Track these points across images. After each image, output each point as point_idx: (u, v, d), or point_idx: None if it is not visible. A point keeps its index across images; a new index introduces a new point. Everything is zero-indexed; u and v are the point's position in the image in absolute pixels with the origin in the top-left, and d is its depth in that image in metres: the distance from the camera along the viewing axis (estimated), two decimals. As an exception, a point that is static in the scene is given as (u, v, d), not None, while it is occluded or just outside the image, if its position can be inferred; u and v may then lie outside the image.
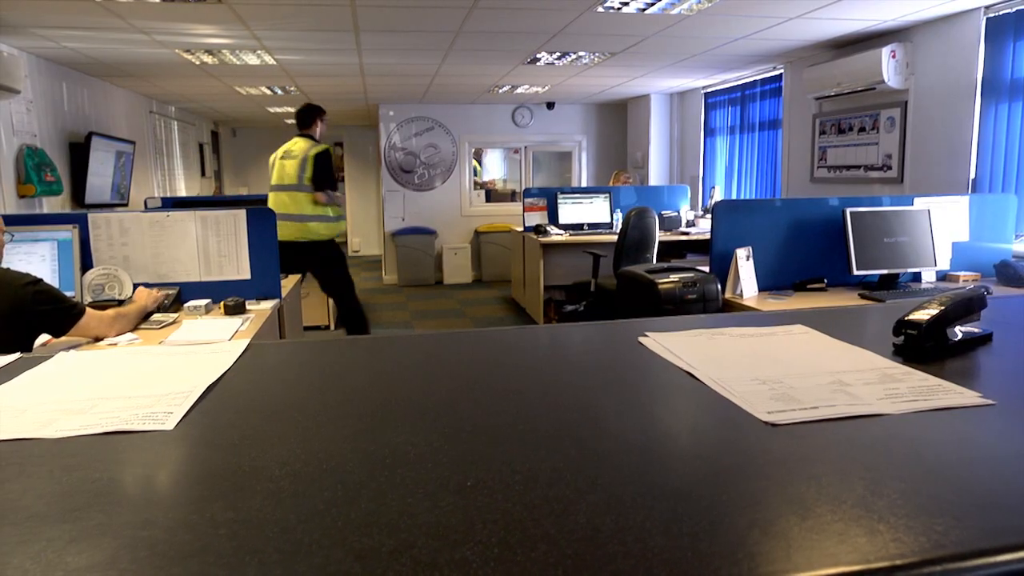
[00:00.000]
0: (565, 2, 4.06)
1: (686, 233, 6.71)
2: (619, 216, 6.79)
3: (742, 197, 7.28)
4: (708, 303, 3.27)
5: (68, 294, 3.19)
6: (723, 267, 3.44)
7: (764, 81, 6.74)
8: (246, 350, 0.96)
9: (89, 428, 0.67)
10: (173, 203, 5.90)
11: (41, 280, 2.34)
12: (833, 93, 5.30)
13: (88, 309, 2.40)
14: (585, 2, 4.05)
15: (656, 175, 8.54)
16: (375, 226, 12.43)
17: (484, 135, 9.22)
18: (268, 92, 7.49)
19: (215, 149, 10.79)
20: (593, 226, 6.84)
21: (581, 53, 5.69)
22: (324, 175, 4.81)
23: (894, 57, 4.72)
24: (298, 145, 4.96)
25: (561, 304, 6.78)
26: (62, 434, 0.65)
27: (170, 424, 0.67)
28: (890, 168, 4.99)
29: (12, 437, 0.65)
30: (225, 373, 0.85)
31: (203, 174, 9.79)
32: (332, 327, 6.70)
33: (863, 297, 3.30)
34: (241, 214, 3.42)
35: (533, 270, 6.59)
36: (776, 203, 3.61)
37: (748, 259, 3.43)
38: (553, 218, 6.80)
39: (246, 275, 3.42)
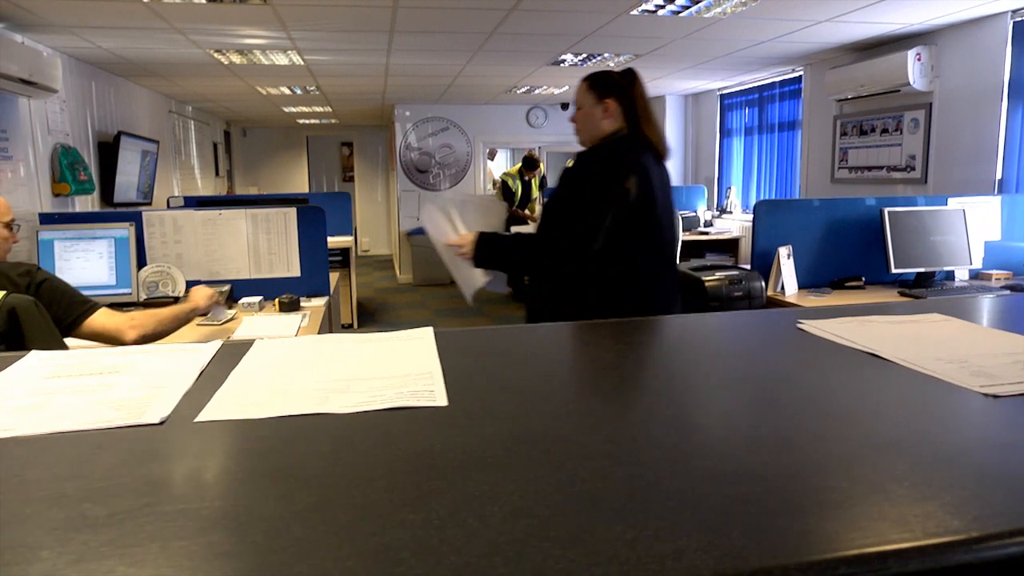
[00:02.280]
0: (602, 4, 4.12)
1: (705, 233, 6.79)
2: (638, 216, 6.85)
3: (759, 198, 7.37)
4: (753, 300, 3.34)
5: (125, 291, 3.26)
6: (764, 265, 3.51)
7: (782, 83, 6.82)
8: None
9: (367, 405, 0.72)
10: (196, 202, 5.94)
11: (40, 268, 2.08)
12: (856, 95, 5.38)
13: (103, 307, 2.12)
14: (622, 5, 4.11)
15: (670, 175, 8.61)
16: (383, 226, 12.48)
17: (498, 135, 9.28)
18: (288, 92, 7.53)
19: (227, 149, 10.81)
20: (613, 226, 6.89)
21: (606, 55, 5.76)
22: (504, 196, 7.63)
23: (919, 60, 4.80)
24: (515, 166, 7.94)
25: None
26: (347, 410, 0.71)
27: (442, 400, 0.73)
28: (913, 169, 5.08)
29: (301, 412, 0.71)
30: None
31: (217, 174, 9.81)
32: (355, 325, 6.74)
33: (903, 295, 3.37)
34: (292, 212, 3.47)
35: (554, 269, 6.64)
36: (814, 203, 3.68)
37: (789, 257, 3.50)
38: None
39: (296, 272, 3.47)
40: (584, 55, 5.74)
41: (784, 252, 3.47)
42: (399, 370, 0.84)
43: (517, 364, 0.92)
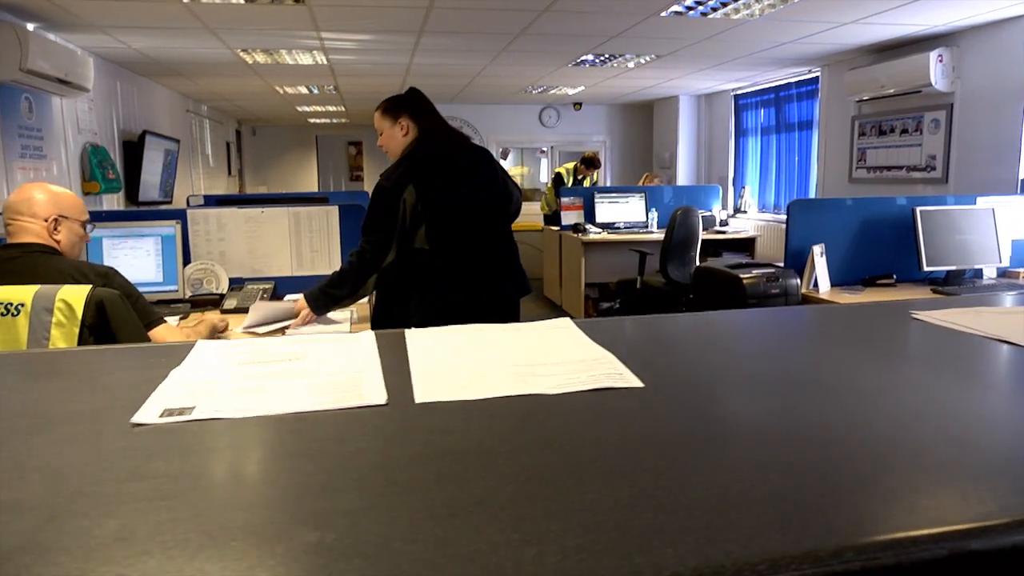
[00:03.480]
0: (633, 6, 4.17)
1: (721, 232, 6.84)
2: (654, 215, 6.92)
3: (774, 198, 7.44)
4: (789, 297, 3.40)
5: (172, 288, 3.30)
6: (798, 263, 3.57)
7: (798, 84, 6.89)
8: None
9: (569, 386, 0.77)
10: (216, 201, 5.98)
11: (116, 271, 2.16)
12: (875, 96, 5.44)
13: (166, 322, 2.23)
14: (653, 6, 4.17)
15: (683, 175, 8.68)
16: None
17: (511, 135, 9.34)
18: (305, 91, 7.57)
19: (238, 148, 10.84)
20: (629, 225, 6.95)
21: (627, 55, 5.81)
22: (554, 187, 7.83)
23: (941, 61, 4.87)
24: (573, 163, 8.16)
25: (597, 301, 6.90)
26: (554, 391, 0.76)
27: (636, 382, 0.78)
28: (934, 169, 5.14)
29: (512, 393, 0.75)
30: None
31: (229, 173, 9.85)
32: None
33: (935, 292, 3.43)
34: (334, 210, 3.52)
35: (572, 268, 6.70)
36: (847, 202, 3.75)
37: (822, 255, 3.56)
38: (589, 217, 6.91)
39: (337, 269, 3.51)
40: (605, 55, 5.79)
41: (818, 250, 3.53)
42: (573, 355, 0.89)
43: (673, 350, 0.98)
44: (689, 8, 4.24)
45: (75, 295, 1.91)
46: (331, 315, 3.03)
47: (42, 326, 1.91)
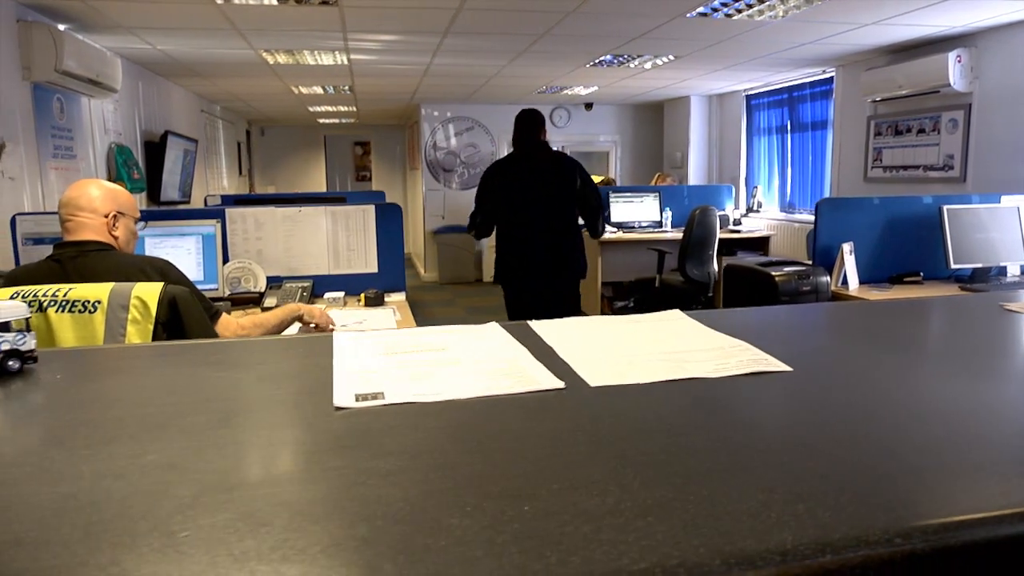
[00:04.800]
0: (659, 7, 4.22)
1: (736, 231, 6.90)
2: (669, 215, 6.97)
3: (786, 198, 7.50)
4: (820, 294, 3.45)
5: (212, 287, 3.34)
6: (827, 261, 3.63)
7: (812, 84, 6.95)
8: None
9: (724, 371, 0.82)
10: (233, 201, 6.01)
11: (172, 265, 2.18)
12: (892, 96, 5.50)
13: (224, 314, 2.23)
14: (679, 7, 4.22)
15: (695, 175, 8.73)
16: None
17: (521, 135, 9.37)
18: (320, 91, 7.61)
19: (247, 148, 10.87)
20: (644, 224, 7.01)
21: (644, 56, 5.86)
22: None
23: (960, 61, 4.93)
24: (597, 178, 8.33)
25: (612, 300, 6.96)
26: (713, 375, 0.81)
27: (785, 366, 0.83)
28: (952, 168, 5.20)
29: (677, 377, 0.80)
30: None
31: (240, 172, 9.87)
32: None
33: (963, 289, 3.48)
34: (370, 210, 3.56)
35: (589, 267, 6.73)
36: (874, 201, 3.80)
37: (851, 253, 3.61)
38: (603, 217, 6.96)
39: (373, 268, 3.55)
40: (624, 56, 5.84)
41: (847, 248, 3.59)
42: (710, 343, 0.94)
43: (798, 337, 1.03)
44: (714, 9, 4.29)
45: (149, 292, 1.95)
46: (375, 312, 3.08)
47: (118, 323, 1.96)
